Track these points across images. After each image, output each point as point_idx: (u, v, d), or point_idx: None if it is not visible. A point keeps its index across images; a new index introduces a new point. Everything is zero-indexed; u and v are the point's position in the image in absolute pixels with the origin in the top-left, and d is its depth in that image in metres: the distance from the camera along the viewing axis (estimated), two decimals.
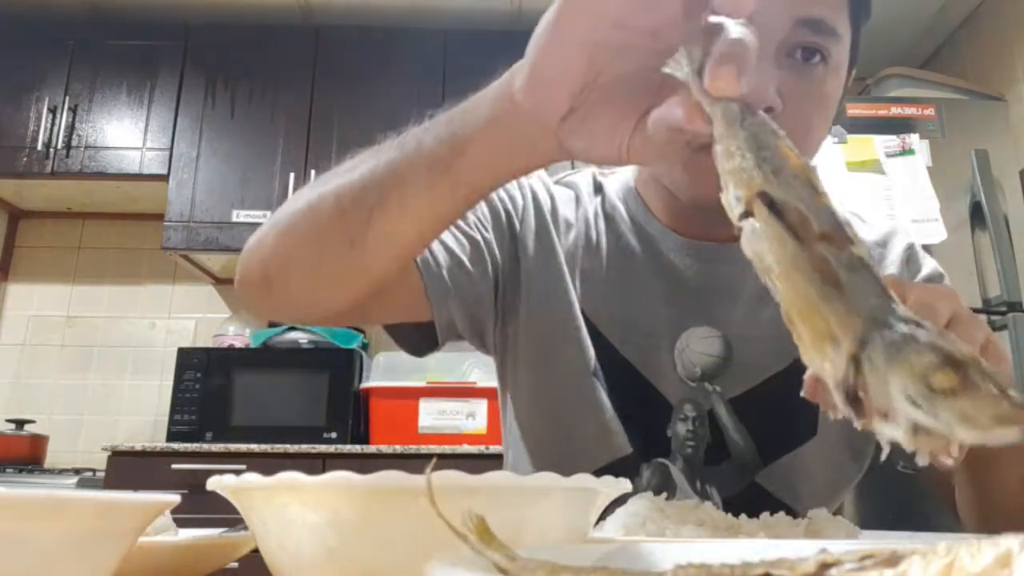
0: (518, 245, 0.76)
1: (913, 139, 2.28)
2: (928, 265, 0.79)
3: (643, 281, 0.75)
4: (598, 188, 0.82)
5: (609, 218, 0.79)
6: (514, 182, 0.79)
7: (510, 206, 0.77)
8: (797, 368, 0.74)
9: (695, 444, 0.70)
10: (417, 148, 0.51)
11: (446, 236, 0.71)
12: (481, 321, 0.75)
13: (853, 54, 0.70)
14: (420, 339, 0.75)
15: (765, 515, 0.49)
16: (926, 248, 0.82)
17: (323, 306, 0.65)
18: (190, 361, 2.53)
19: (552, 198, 0.79)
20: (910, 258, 0.78)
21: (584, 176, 0.84)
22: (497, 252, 0.74)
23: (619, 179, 0.82)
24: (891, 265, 0.77)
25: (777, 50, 0.63)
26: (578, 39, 0.40)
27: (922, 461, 0.47)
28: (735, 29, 0.36)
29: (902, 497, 1.51)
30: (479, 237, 0.73)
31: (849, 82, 0.72)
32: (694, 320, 0.73)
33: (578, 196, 0.80)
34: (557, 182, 0.83)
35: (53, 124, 2.71)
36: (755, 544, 0.34)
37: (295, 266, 0.63)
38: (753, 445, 0.70)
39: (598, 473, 0.70)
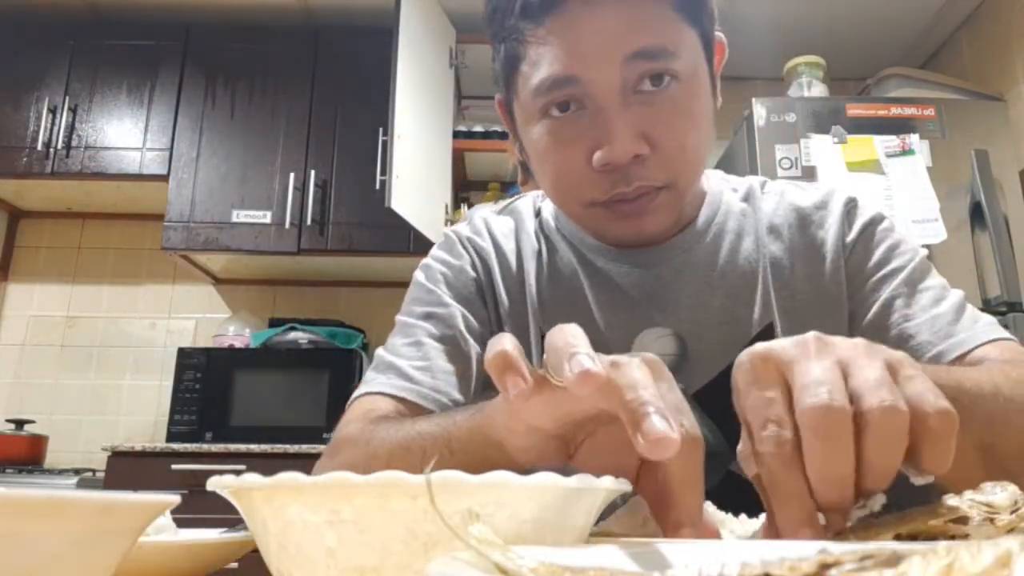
0: (500, 315, 0.80)
1: (913, 139, 2.29)
2: (863, 217, 0.78)
3: (585, 294, 0.77)
4: (538, 211, 0.85)
5: (546, 237, 0.82)
6: (459, 250, 0.83)
7: (473, 290, 0.80)
8: None
9: None
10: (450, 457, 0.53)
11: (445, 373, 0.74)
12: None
13: (707, 44, 0.70)
14: None
15: (765, 516, 0.49)
16: (926, 248, 0.82)
17: None
18: (190, 361, 2.53)
19: (495, 242, 0.82)
20: (849, 212, 0.78)
21: (526, 202, 0.87)
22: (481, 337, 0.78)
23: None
24: (832, 225, 0.77)
25: (623, 93, 0.65)
26: (530, 431, 0.43)
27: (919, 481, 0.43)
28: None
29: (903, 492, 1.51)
30: (468, 351, 0.76)
31: (720, 67, 0.74)
32: (644, 323, 0.75)
33: (518, 224, 0.84)
34: (500, 212, 0.87)
35: (53, 124, 2.71)
36: (755, 544, 0.34)
37: None
38: (722, 437, 0.70)
39: None
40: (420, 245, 2.53)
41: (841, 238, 0.77)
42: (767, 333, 0.74)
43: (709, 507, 0.48)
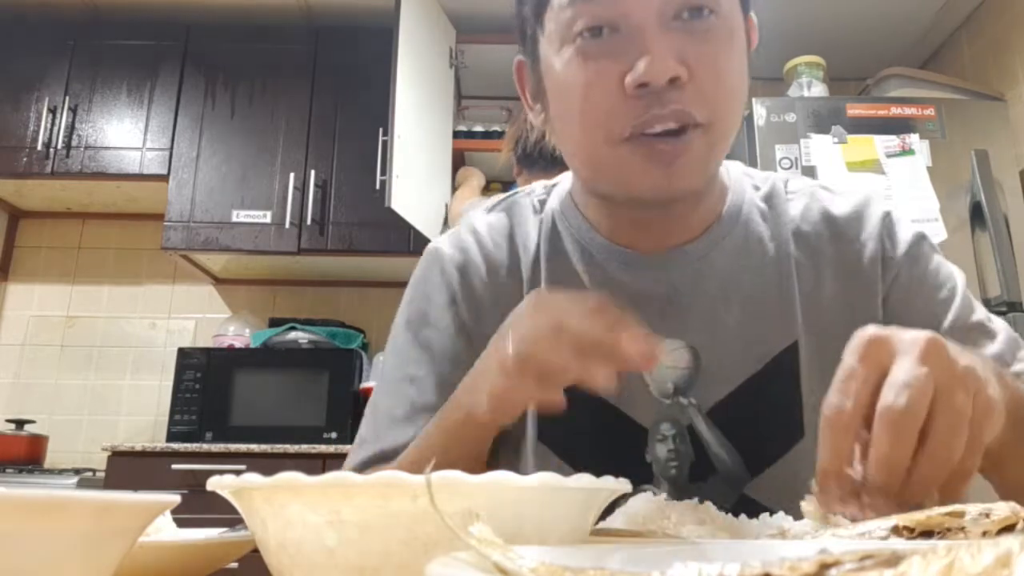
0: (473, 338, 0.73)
1: (913, 139, 2.28)
2: (906, 234, 0.73)
3: None
4: (540, 207, 0.78)
5: (551, 240, 0.75)
6: (437, 280, 0.76)
7: (448, 311, 0.75)
8: (774, 369, 0.69)
9: (678, 464, 0.66)
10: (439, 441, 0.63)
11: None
12: None
13: (744, 1, 0.68)
14: None
15: (764, 515, 0.49)
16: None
17: None
18: (190, 361, 2.53)
19: (485, 254, 0.76)
20: (888, 229, 0.73)
21: (524, 198, 0.80)
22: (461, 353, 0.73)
23: (559, 192, 0.79)
24: (869, 240, 0.72)
25: (661, 18, 0.61)
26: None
27: None
28: None
29: None
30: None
31: (752, 47, 0.71)
32: (655, 334, 0.72)
33: (514, 223, 0.77)
34: (493, 208, 0.80)
35: (53, 124, 2.71)
36: (755, 544, 0.34)
37: None
38: (739, 458, 0.66)
39: None
40: (420, 245, 2.51)
41: (880, 255, 0.72)
42: (791, 351, 0.69)
43: (710, 508, 0.48)
